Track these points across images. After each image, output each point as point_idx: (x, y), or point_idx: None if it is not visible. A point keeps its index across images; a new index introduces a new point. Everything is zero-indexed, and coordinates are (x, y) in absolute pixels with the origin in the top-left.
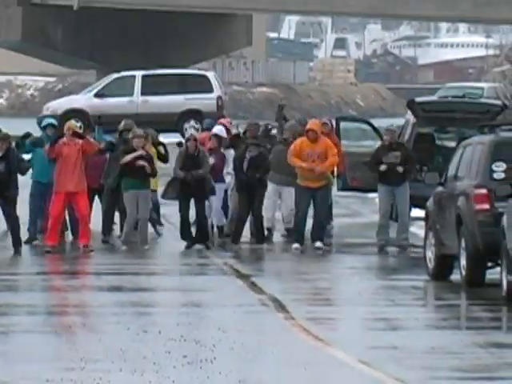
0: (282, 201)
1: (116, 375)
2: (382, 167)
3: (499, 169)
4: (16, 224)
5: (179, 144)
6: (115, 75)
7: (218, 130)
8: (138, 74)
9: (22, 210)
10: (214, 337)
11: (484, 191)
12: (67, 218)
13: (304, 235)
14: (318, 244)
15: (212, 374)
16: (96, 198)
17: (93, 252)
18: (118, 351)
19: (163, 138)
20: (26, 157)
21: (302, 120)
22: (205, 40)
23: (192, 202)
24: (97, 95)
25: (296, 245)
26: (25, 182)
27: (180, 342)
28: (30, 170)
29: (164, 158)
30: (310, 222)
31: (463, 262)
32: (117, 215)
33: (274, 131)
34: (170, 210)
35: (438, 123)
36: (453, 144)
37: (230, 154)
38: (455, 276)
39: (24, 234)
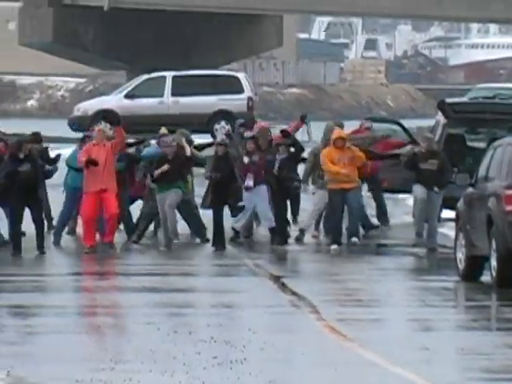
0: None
1: (146, 376)
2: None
3: None
4: (41, 226)
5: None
6: (146, 76)
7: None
8: (169, 74)
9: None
10: (245, 337)
11: None
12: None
13: (341, 236)
14: (354, 239)
15: (242, 375)
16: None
17: (114, 250)
18: (148, 352)
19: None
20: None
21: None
22: (235, 41)
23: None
24: (127, 96)
25: (335, 246)
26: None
27: (210, 342)
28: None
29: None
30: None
31: (494, 262)
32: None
33: None
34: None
35: (469, 124)
36: (483, 145)
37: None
38: (486, 277)
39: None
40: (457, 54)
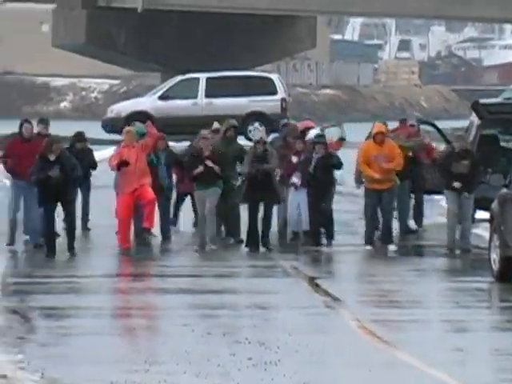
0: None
1: (180, 377)
2: (456, 184)
3: None
4: (71, 227)
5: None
6: (180, 77)
7: (313, 132)
8: (203, 76)
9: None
10: (279, 339)
11: None
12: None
13: (374, 237)
14: (391, 247)
15: (276, 376)
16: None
17: (152, 236)
18: (182, 353)
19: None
20: None
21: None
22: (269, 42)
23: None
24: (161, 97)
25: (368, 246)
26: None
27: (245, 344)
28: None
29: None
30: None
31: None
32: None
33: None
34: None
35: (503, 125)
36: None
37: None
38: None
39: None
40: (491, 55)
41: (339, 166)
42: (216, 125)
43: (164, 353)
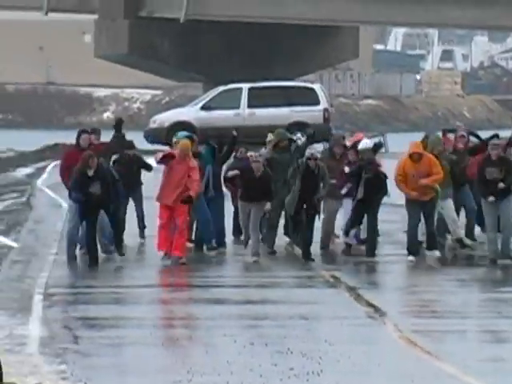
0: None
1: None
2: (491, 199)
3: None
4: (118, 229)
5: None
6: (222, 88)
7: (364, 143)
8: (245, 86)
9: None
10: (321, 349)
11: None
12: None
13: (419, 247)
14: (435, 253)
15: None
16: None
17: (184, 265)
18: (224, 364)
19: None
20: None
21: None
22: (311, 52)
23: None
24: (203, 108)
25: (411, 257)
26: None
27: (287, 354)
28: None
29: None
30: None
31: None
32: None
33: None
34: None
35: None
36: None
37: None
38: None
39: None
40: None
41: (385, 192)
42: (270, 137)
43: (206, 363)
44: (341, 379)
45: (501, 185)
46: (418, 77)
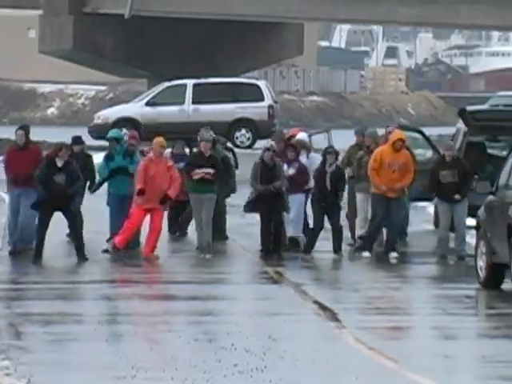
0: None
1: None
2: (457, 197)
3: None
4: (77, 232)
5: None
6: (166, 84)
7: (302, 137)
8: (189, 82)
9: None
10: (265, 345)
11: None
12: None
13: (374, 244)
14: (394, 255)
15: (262, 383)
16: None
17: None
18: (169, 360)
19: None
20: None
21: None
22: (256, 49)
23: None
24: (148, 104)
25: (366, 253)
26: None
27: (231, 350)
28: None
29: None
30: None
31: None
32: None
33: None
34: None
35: (490, 132)
36: (504, 153)
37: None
38: (506, 285)
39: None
40: (477, 62)
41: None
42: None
43: (151, 359)
44: (285, 375)
45: (457, 196)
46: (363, 73)
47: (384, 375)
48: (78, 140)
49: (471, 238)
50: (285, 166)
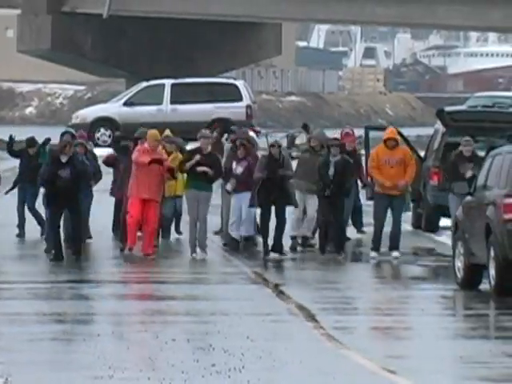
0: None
1: None
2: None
3: None
4: (78, 230)
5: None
6: (144, 84)
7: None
8: (168, 82)
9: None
10: (243, 346)
11: None
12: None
13: (381, 243)
14: (395, 254)
15: (240, 383)
16: None
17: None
18: (146, 360)
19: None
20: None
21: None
22: (234, 49)
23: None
24: (126, 104)
25: (374, 253)
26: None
27: (208, 350)
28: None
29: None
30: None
31: (492, 271)
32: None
33: (298, 140)
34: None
35: (468, 132)
36: (482, 153)
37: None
38: (484, 285)
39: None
40: (456, 63)
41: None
42: (167, 132)
43: (128, 359)
44: (262, 375)
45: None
46: (341, 74)
47: (362, 375)
48: (31, 142)
49: (448, 239)
50: (233, 165)
